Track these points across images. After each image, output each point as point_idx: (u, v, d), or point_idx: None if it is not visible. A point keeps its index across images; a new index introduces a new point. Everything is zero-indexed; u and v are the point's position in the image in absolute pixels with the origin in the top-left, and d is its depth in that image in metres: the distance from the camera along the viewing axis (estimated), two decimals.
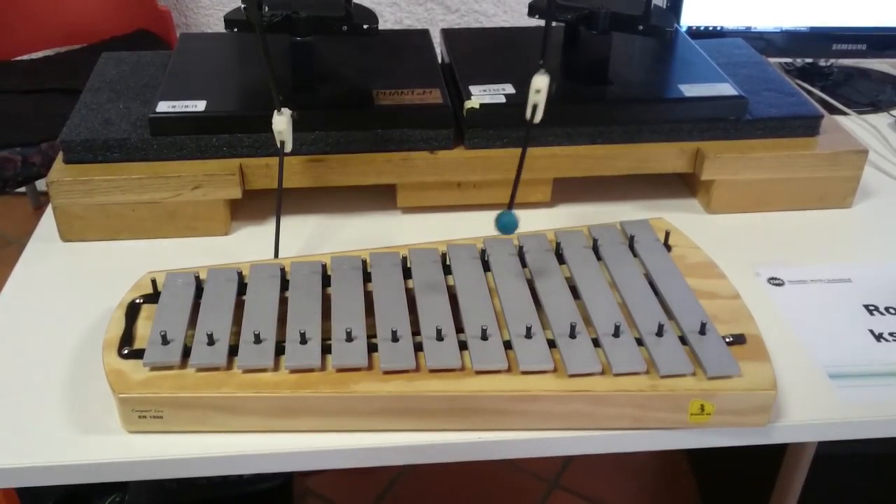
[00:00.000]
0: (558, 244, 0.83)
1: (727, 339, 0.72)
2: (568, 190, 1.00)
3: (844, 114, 1.20)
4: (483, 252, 0.82)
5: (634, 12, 0.95)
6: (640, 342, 0.72)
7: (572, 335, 0.71)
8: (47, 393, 0.73)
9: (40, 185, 2.20)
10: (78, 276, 0.87)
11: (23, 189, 2.28)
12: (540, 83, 0.72)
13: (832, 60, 1.31)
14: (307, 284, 0.77)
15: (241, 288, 0.77)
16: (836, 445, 0.88)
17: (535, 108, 0.74)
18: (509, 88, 0.97)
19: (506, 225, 0.76)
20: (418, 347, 0.71)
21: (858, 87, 1.29)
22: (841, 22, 1.23)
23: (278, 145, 0.86)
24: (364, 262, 0.80)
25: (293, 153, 0.91)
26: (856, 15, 1.22)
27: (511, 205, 0.77)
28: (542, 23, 0.93)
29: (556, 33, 1.08)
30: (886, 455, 1.05)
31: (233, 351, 0.70)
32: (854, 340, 0.80)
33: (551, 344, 0.71)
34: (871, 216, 0.99)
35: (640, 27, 0.94)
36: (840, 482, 1.06)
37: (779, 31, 1.23)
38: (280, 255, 0.87)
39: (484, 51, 1.07)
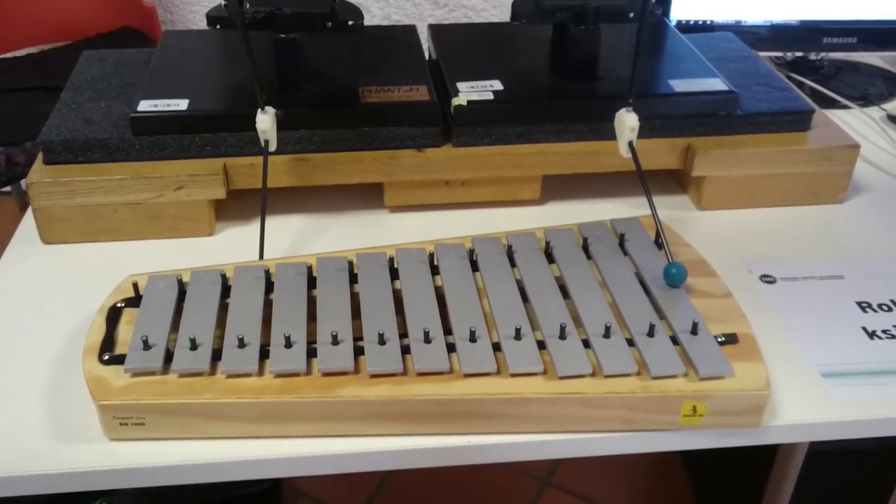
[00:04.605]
0: (548, 243, 0.82)
1: (719, 339, 0.71)
2: (557, 187, 0.99)
3: (844, 106, 1.20)
4: (471, 252, 0.81)
5: (622, 2, 0.93)
6: (630, 343, 0.71)
7: (562, 336, 0.70)
8: (26, 400, 0.71)
9: (25, 184, 2.18)
10: (58, 279, 0.85)
11: (7, 189, 2.25)
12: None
13: (822, 54, 1.31)
14: (292, 286, 0.76)
15: (225, 290, 0.76)
16: (830, 442, 0.88)
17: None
18: (497, 85, 0.95)
19: (674, 276, 0.76)
20: (406, 350, 0.69)
21: (849, 81, 1.28)
22: (831, 15, 1.22)
23: (263, 144, 0.85)
24: (350, 263, 0.79)
25: (278, 152, 0.89)
26: (846, 8, 1.22)
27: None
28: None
29: (544, 27, 1.07)
30: (880, 451, 1.04)
31: (216, 355, 0.68)
32: (847, 338, 0.79)
33: (541, 345, 0.70)
34: (864, 211, 0.98)
35: (631, 15, 0.93)
36: (833, 478, 1.06)
37: (769, 24, 1.22)
38: (265, 257, 0.85)
39: (472, 47, 1.06)
